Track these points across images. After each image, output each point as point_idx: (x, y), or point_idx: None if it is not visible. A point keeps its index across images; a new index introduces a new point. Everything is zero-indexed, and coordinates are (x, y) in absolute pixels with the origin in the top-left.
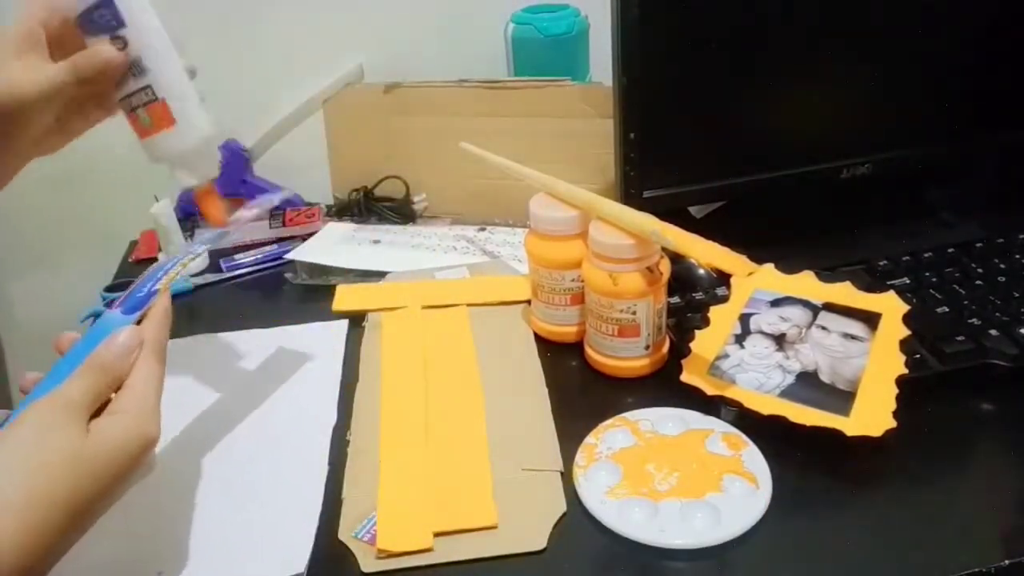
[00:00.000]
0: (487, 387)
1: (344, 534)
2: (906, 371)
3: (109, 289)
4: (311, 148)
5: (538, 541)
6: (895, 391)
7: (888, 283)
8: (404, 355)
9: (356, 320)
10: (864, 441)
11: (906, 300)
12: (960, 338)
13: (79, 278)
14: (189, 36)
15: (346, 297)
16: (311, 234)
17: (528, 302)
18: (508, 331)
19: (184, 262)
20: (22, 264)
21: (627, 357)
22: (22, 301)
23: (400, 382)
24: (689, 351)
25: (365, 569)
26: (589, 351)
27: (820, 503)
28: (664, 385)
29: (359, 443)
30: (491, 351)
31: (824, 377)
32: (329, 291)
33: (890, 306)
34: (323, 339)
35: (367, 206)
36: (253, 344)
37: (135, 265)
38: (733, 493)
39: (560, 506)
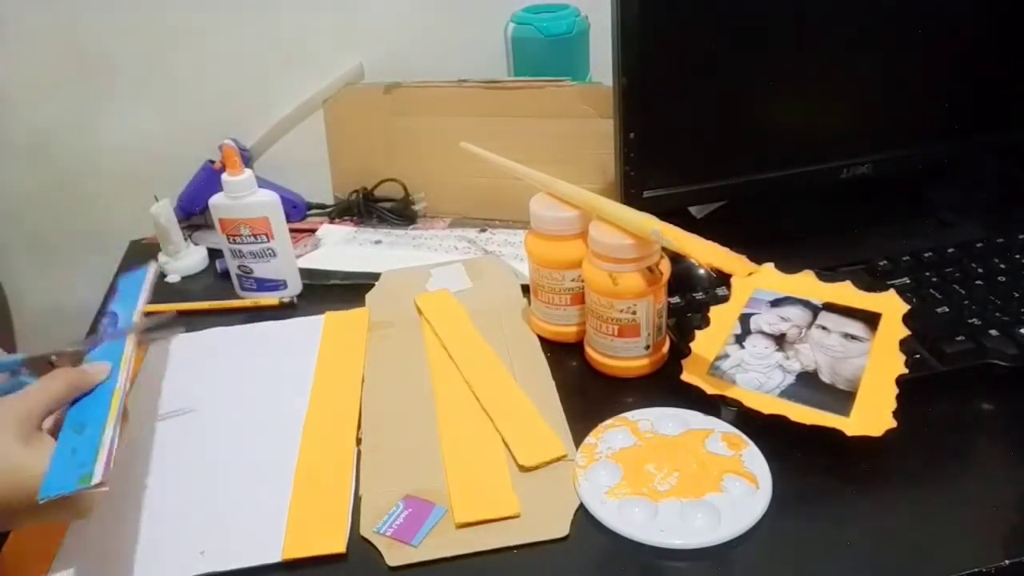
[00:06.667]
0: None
1: (366, 530)
2: (906, 371)
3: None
4: (311, 148)
5: (560, 528)
6: (895, 391)
7: (888, 283)
8: (440, 351)
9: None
10: (864, 441)
11: (906, 300)
12: (960, 338)
13: (79, 278)
14: (188, 36)
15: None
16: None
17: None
18: (510, 330)
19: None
20: (22, 263)
21: (627, 357)
22: (22, 301)
23: (443, 376)
24: (689, 351)
25: (391, 563)
26: (589, 351)
27: (820, 503)
28: (664, 385)
29: (371, 440)
30: (499, 348)
31: (824, 377)
32: (330, 291)
33: (890, 306)
34: (300, 334)
35: (366, 208)
36: (231, 339)
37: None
38: (733, 493)
39: (577, 496)
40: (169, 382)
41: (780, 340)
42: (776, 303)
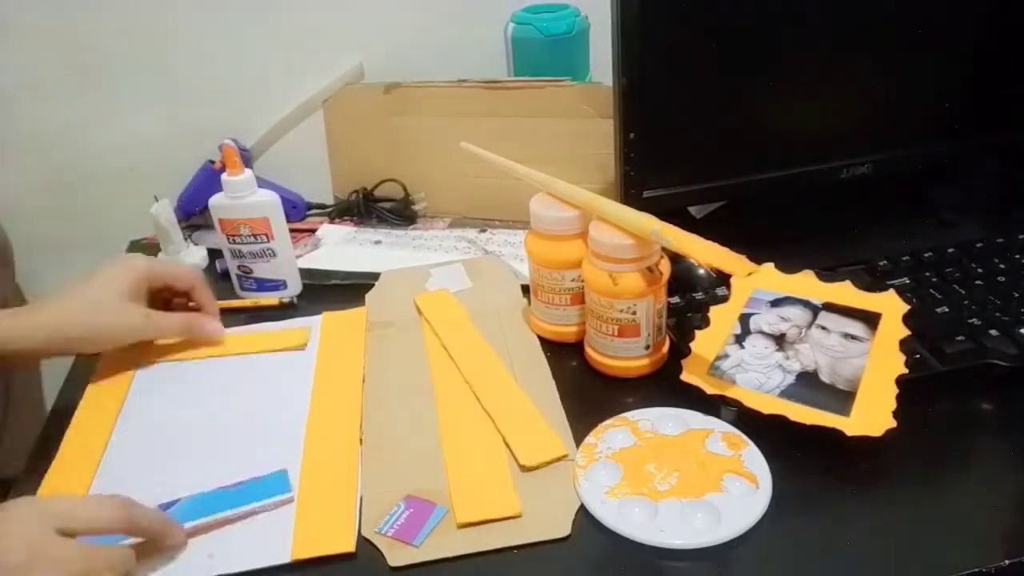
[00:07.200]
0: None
1: (367, 530)
2: (906, 371)
3: None
4: (311, 148)
5: (562, 528)
6: (895, 391)
7: (888, 283)
8: (440, 351)
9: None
10: (864, 441)
11: (906, 300)
12: (960, 338)
13: (78, 278)
14: (188, 36)
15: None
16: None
17: None
18: (510, 330)
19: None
20: (22, 264)
21: (627, 357)
22: (21, 301)
23: (443, 376)
24: (689, 351)
25: (392, 564)
26: (589, 351)
27: (820, 503)
28: (664, 385)
29: (372, 440)
30: (499, 348)
31: (824, 377)
32: (330, 291)
33: (890, 306)
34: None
35: (367, 208)
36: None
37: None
38: (733, 493)
39: (577, 496)
40: (170, 387)
41: (780, 340)
42: (776, 303)
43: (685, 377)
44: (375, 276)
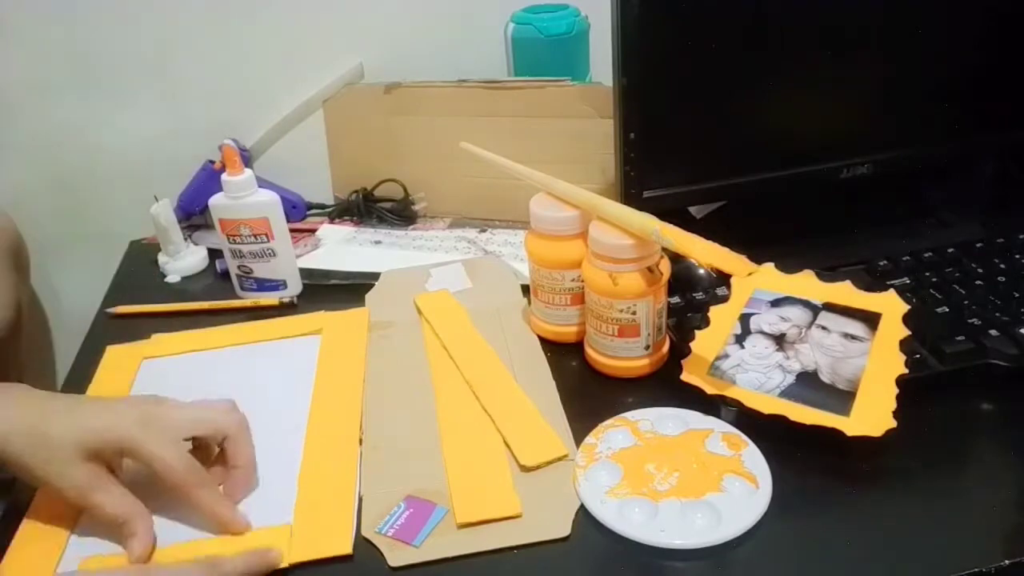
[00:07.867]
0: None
1: (367, 530)
2: (906, 371)
3: None
4: (311, 148)
5: (562, 528)
6: (895, 391)
7: (888, 283)
8: (440, 351)
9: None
10: (864, 441)
11: (906, 300)
12: (960, 338)
13: (79, 278)
14: (188, 36)
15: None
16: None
17: None
18: (510, 330)
19: None
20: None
21: (627, 357)
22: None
23: (443, 376)
24: (689, 351)
25: (392, 564)
26: (589, 351)
27: (820, 503)
28: (664, 385)
29: (372, 441)
30: (499, 348)
31: (824, 377)
32: (330, 291)
33: (890, 306)
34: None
35: (366, 208)
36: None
37: (136, 263)
38: (733, 493)
39: (577, 496)
40: (171, 386)
41: (780, 340)
42: (776, 303)
43: (685, 377)
44: (375, 276)
